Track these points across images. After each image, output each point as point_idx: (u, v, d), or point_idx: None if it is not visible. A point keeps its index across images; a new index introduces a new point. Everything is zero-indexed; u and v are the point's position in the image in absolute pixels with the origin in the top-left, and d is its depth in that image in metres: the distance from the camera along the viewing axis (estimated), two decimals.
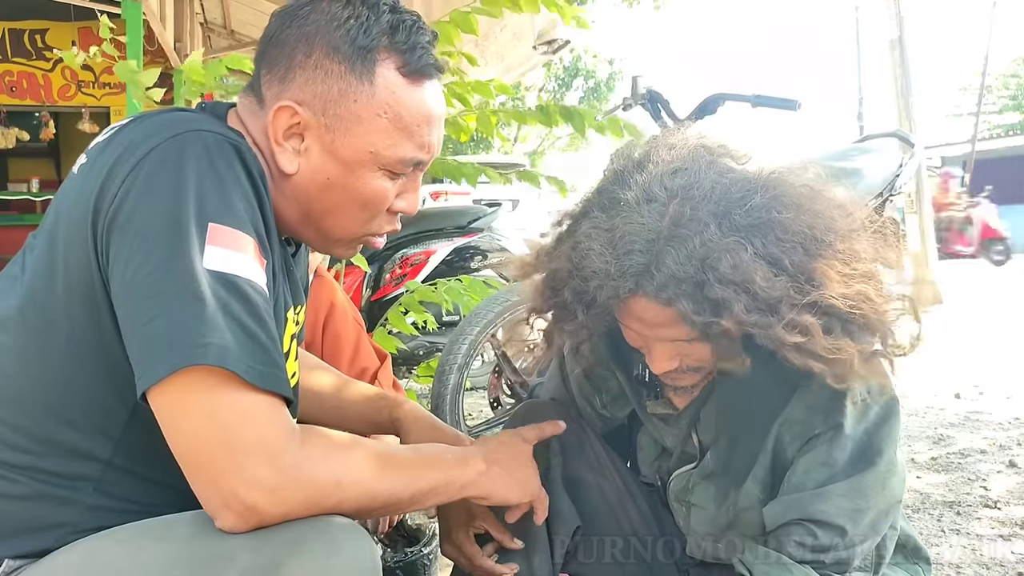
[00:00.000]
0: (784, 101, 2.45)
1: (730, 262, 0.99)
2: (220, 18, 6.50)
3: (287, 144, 1.01)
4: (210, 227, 0.86)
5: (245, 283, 0.86)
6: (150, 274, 0.84)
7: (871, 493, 1.09)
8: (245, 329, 0.84)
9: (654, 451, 1.33)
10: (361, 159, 1.01)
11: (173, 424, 0.84)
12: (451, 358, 2.50)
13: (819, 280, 1.00)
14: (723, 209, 1.03)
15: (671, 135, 1.16)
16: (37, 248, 0.95)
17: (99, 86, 6.82)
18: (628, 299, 1.05)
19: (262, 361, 0.85)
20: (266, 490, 0.83)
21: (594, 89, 21.60)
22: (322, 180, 1.02)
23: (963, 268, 13.09)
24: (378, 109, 1.00)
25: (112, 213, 0.87)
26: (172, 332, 0.82)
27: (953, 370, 4.56)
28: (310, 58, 0.99)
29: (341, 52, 0.99)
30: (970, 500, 2.50)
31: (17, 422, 0.92)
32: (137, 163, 0.88)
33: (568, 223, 1.17)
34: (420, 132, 1.03)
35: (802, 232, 1.02)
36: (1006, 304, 8.05)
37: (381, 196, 1.04)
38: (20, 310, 0.92)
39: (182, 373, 0.81)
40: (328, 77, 0.99)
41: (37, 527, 0.91)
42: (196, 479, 0.84)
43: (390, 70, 1.00)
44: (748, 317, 0.98)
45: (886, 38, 8.00)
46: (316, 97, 0.99)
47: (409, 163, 1.04)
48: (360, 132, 1.00)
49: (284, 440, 0.85)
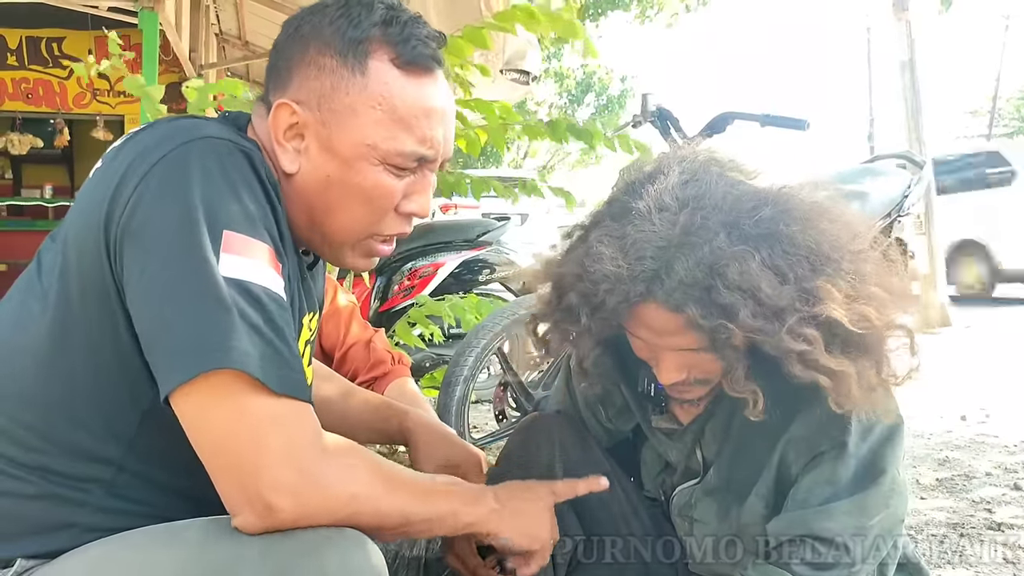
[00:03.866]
0: (793, 121, 2.45)
1: (738, 269, 1.00)
2: (235, 29, 6.56)
3: (288, 144, 1.01)
4: (224, 234, 0.86)
5: (261, 290, 0.87)
6: (168, 281, 0.85)
7: (874, 512, 1.10)
8: (262, 335, 0.86)
9: (658, 466, 1.34)
10: (359, 152, 0.99)
11: (200, 426, 0.85)
12: (457, 370, 2.51)
13: (822, 296, 1.01)
14: (733, 219, 1.04)
15: (682, 150, 1.18)
16: (53, 250, 0.96)
17: (114, 94, 6.88)
18: (638, 305, 1.06)
19: (281, 366, 0.86)
20: (287, 493, 0.85)
21: (606, 105, 21.65)
22: (322, 177, 1.01)
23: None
24: (372, 101, 0.99)
25: (125, 220, 0.88)
26: (196, 337, 0.83)
27: (960, 392, 4.54)
28: (305, 57, 1.00)
29: (333, 47, 0.99)
30: (974, 523, 2.49)
31: (30, 422, 0.93)
32: (149, 169, 0.89)
33: (579, 233, 1.18)
34: (419, 125, 1.01)
35: (808, 247, 1.04)
36: (1014, 327, 8.01)
37: (384, 192, 1.02)
38: (38, 312, 0.93)
39: (207, 377, 0.83)
40: (321, 72, 0.99)
41: (48, 527, 0.92)
42: (221, 479, 0.85)
43: (383, 61, 0.99)
44: (754, 323, 1.00)
45: (897, 59, 8.02)
46: (311, 93, 0.99)
47: (410, 157, 1.01)
48: (355, 125, 0.99)
49: (309, 445, 0.87)
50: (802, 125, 2.44)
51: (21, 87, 6.77)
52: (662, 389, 1.25)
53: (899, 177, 3.06)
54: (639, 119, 2.69)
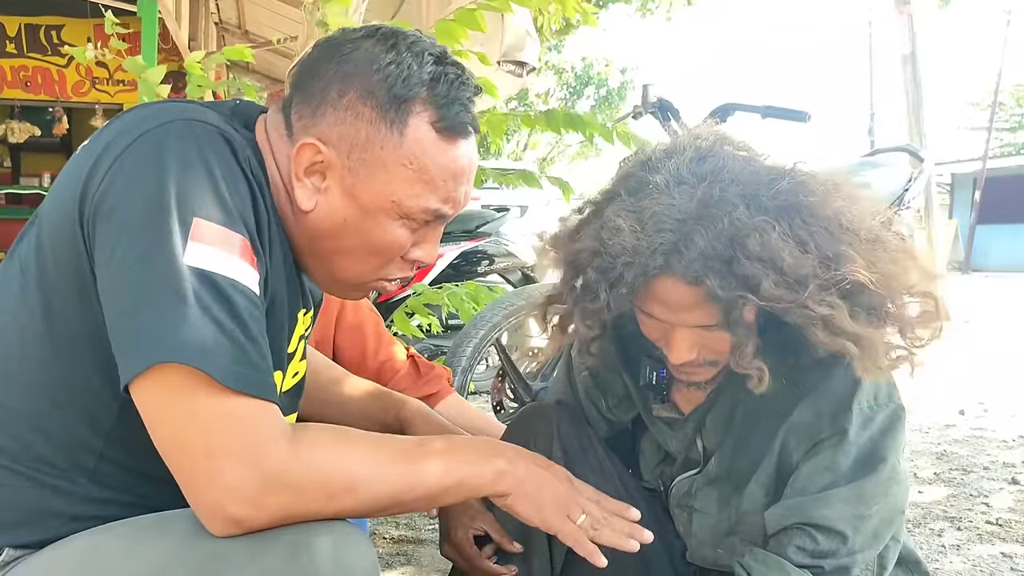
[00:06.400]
0: (794, 113, 2.45)
1: (759, 240, 1.00)
2: (235, 18, 6.53)
3: (307, 180, 0.98)
4: (194, 222, 0.84)
5: (227, 282, 0.84)
6: (131, 267, 0.82)
7: (873, 500, 1.10)
8: (223, 330, 0.82)
9: (657, 456, 1.33)
10: (381, 206, 0.98)
11: (155, 424, 0.83)
12: (455, 361, 2.51)
13: (845, 261, 1.01)
14: (751, 191, 1.04)
15: (696, 130, 1.17)
16: (31, 232, 0.94)
17: (113, 83, 6.85)
18: (654, 280, 1.05)
19: (240, 363, 0.83)
20: (245, 498, 0.82)
21: (606, 97, 21.62)
22: (339, 221, 0.99)
23: (970, 284, 13.02)
24: (404, 159, 0.97)
25: (97, 201, 0.85)
26: (149, 327, 0.81)
27: (958, 387, 4.54)
28: (343, 98, 0.96)
29: (376, 97, 0.95)
30: (972, 516, 2.49)
31: (15, 407, 0.91)
32: (124, 149, 0.86)
33: (591, 209, 1.17)
34: (446, 187, 1.00)
35: (827, 217, 1.03)
36: (1014, 321, 8.01)
37: (396, 245, 1.01)
38: (18, 294, 0.92)
39: (160, 370, 0.80)
40: (358, 120, 0.96)
41: (34, 516, 0.91)
42: (180, 479, 0.83)
43: (424, 123, 0.97)
44: (776, 291, 0.99)
45: (899, 53, 8.01)
46: (342, 139, 0.96)
47: (431, 214, 1.01)
48: (383, 179, 0.97)
49: (265, 445, 0.83)
50: (803, 117, 2.43)
51: (20, 75, 6.73)
52: (664, 378, 1.25)
53: (900, 170, 3.04)
54: (640, 110, 2.68)
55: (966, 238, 19.92)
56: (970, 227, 19.93)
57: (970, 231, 19.91)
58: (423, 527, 2.41)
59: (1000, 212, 20.26)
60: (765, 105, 2.47)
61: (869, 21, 20.87)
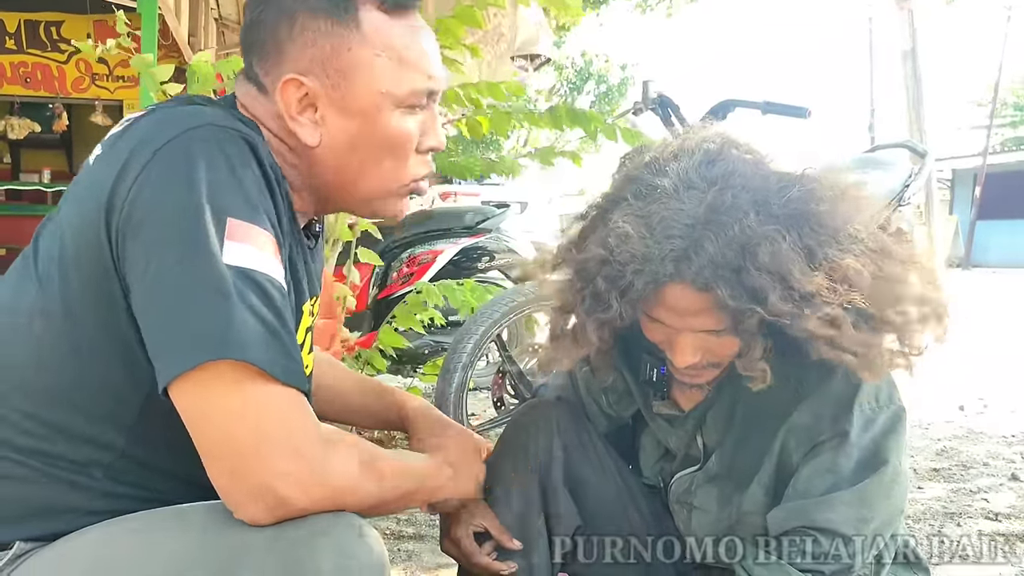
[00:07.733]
0: (794, 109, 2.44)
1: (769, 250, 0.99)
2: (234, 14, 6.52)
3: (302, 117, 1.00)
4: (228, 222, 0.86)
5: (264, 278, 0.87)
6: (171, 270, 0.84)
7: (875, 502, 1.09)
8: (266, 324, 0.85)
9: (657, 453, 1.33)
10: (375, 103, 1.00)
11: (199, 418, 0.85)
12: (456, 357, 2.51)
13: (851, 277, 1.01)
14: (762, 198, 1.03)
15: (702, 131, 1.15)
16: (51, 236, 0.95)
17: (113, 79, 6.84)
18: (664, 287, 1.04)
19: (283, 355, 0.86)
20: (295, 482, 0.84)
21: (606, 94, 21.57)
22: (347, 140, 1.01)
23: (971, 280, 13.02)
24: (374, 50, 1.00)
25: (127, 210, 0.87)
26: (196, 327, 0.83)
27: (958, 383, 4.54)
28: (294, 27, 0.99)
29: (322, 9, 0.99)
30: (971, 512, 2.49)
31: (30, 407, 0.92)
32: (151, 158, 0.88)
33: (594, 214, 1.15)
34: (422, 61, 1.03)
35: (836, 227, 1.03)
36: (1014, 317, 8.01)
37: (406, 135, 1.04)
38: (35, 296, 0.93)
39: (206, 368, 0.82)
40: (317, 36, 0.99)
41: (47, 510, 0.92)
42: (219, 471, 0.85)
43: (372, 10, 1.00)
44: (783, 307, 0.99)
45: (899, 49, 8.00)
46: (313, 61, 0.99)
47: (422, 93, 1.03)
48: (365, 78, 1.00)
49: (311, 435, 0.87)
50: (803, 113, 2.43)
51: (19, 71, 6.72)
52: (664, 374, 1.25)
53: (900, 167, 3.04)
54: (640, 106, 2.67)
55: (966, 234, 19.89)
56: (970, 223, 19.89)
57: (970, 227, 19.87)
58: (423, 523, 2.41)
59: (1001, 208, 20.22)
60: (765, 101, 2.46)
61: (869, 17, 20.82)
